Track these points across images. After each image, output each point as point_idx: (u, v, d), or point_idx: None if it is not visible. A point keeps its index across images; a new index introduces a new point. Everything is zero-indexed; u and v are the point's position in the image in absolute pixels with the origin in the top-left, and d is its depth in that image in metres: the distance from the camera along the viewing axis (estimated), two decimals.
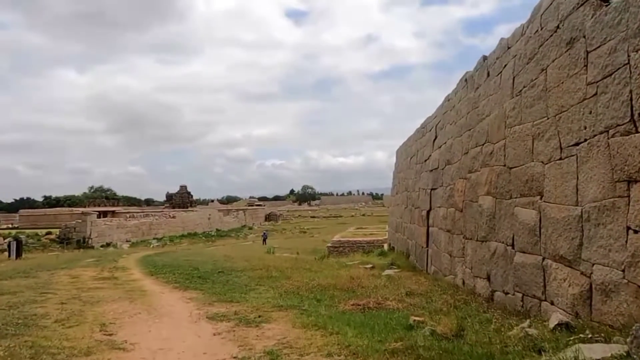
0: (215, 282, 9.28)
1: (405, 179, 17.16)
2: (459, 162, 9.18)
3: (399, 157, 19.91)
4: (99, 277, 9.86)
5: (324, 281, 9.14)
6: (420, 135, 14.67)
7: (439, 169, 11.06)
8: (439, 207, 10.78)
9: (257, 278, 10.09)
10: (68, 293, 7.55)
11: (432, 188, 11.77)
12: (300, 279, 9.65)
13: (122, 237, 42.38)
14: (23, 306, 6.23)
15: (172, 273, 10.77)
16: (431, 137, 12.50)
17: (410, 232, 15.37)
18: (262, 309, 6.21)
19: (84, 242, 38.68)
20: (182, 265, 13.05)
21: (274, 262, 14.71)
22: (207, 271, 11.41)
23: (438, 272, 10.31)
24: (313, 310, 5.99)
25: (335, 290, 8.03)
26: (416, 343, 3.77)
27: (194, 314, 6.09)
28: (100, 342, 4.54)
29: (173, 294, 7.84)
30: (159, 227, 48.73)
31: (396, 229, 19.36)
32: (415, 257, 13.75)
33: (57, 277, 9.63)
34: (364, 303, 6.27)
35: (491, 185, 7.02)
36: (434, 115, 12.45)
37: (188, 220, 55.55)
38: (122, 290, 8.06)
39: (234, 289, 8.19)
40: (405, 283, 9.11)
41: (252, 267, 12.44)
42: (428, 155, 12.71)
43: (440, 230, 10.38)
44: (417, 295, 7.19)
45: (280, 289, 8.12)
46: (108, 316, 5.82)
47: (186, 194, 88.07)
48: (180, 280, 9.50)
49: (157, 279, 9.83)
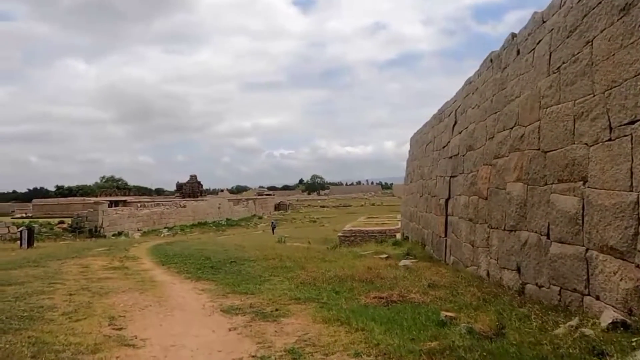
0: (227, 273, 8.99)
1: (421, 167, 16.68)
2: (482, 148, 8.71)
3: (413, 144, 19.39)
4: (109, 267, 9.62)
5: (340, 272, 8.80)
6: (437, 122, 14.16)
7: (459, 155, 10.59)
8: (459, 195, 10.33)
9: (270, 268, 9.79)
10: (77, 283, 7.30)
11: (451, 175, 11.30)
12: (316, 269, 9.31)
13: (134, 227, 42.53)
14: (30, 297, 5.98)
15: (183, 263, 10.51)
16: (450, 123, 12.00)
17: (426, 221, 14.95)
18: (279, 301, 5.88)
19: (96, 231, 38.85)
20: (194, 254, 12.80)
21: (286, 251, 14.43)
22: (219, 261, 11.14)
23: (458, 263, 9.91)
24: (333, 303, 5.64)
25: (354, 281, 7.68)
26: (454, 343, 3.40)
27: (207, 306, 5.78)
28: (109, 337, 4.24)
29: (185, 285, 7.55)
30: (169, 216, 48.84)
31: (410, 218, 18.93)
32: (432, 247, 13.34)
33: (66, 267, 9.41)
34: (386, 296, 5.91)
35: (522, 170, 6.56)
36: (454, 100, 11.93)
37: (198, 209, 55.63)
38: (133, 281, 7.80)
39: (248, 280, 7.88)
40: (425, 274, 8.73)
41: (265, 257, 12.15)
42: (446, 142, 12.22)
43: (461, 220, 9.94)
44: (440, 288, 6.81)
45: (295, 280, 7.79)
46: (117, 308, 5.53)
47: (196, 184, 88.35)
48: (192, 270, 9.23)
49: (169, 269, 9.57)
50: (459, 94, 11.46)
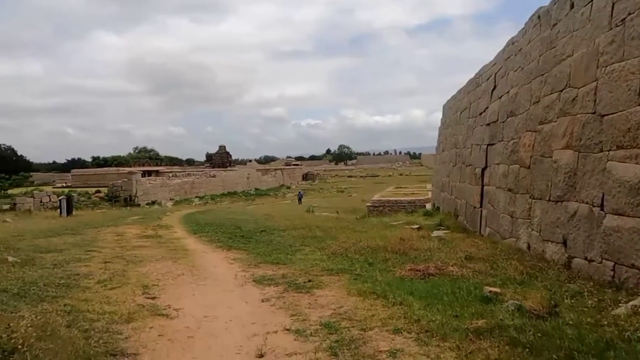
0: (258, 242, 8.96)
1: (454, 135, 16.04)
2: (526, 113, 8.14)
3: (447, 112, 18.63)
4: (143, 235, 9.78)
5: (371, 242, 8.61)
6: (473, 87, 13.43)
7: (499, 122, 10.01)
8: (497, 164, 9.82)
9: (300, 238, 9.71)
10: (112, 251, 7.42)
11: (488, 143, 10.75)
12: (346, 239, 9.15)
13: (166, 196, 43.63)
14: (67, 265, 6.09)
15: (214, 232, 10.57)
16: (488, 88, 11.32)
17: (459, 191, 14.48)
18: (311, 272, 5.76)
19: (131, 200, 40.11)
20: (224, 223, 12.90)
21: (316, 221, 14.35)
22: (249, 230, 11.16)
23: (495, 234, 9.53)
24: (367, 275, 5.47)
25: (386, 252, 7.48)
26: (503, 322, 3.15)
27: (239, 276, 5.72)
28: (143, 306, 4.22)
29: (216, 254, 7.56)
30: (200, 186, 49.80)
31: (442, 188, 18.43)
32: (466, 218, 12.94)
33: (102, 235, 9.63)
34: (422, 268, 5.67)
35: (572, 137, 6.05)
36: (493, 63, 11.20)
37: (228, 179, 56.45)
38: (166, 249, 7.87)
39: (279, 250, 7.81)
40: (460, 246, 8.42)
41: (294, 226, 12.11)
42: (484, 108, 11.58)
43: (499, 190, 9.48)
44: (478, 260, 6.51)
45: (326, 250, 7.66)
46: (151, 277, 5.55)
47: (225, 154, 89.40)
48: (223, 239, 9.25)
49: (200, 238, 9.64)
50: (499, 56, 10.73)
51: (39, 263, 6.07)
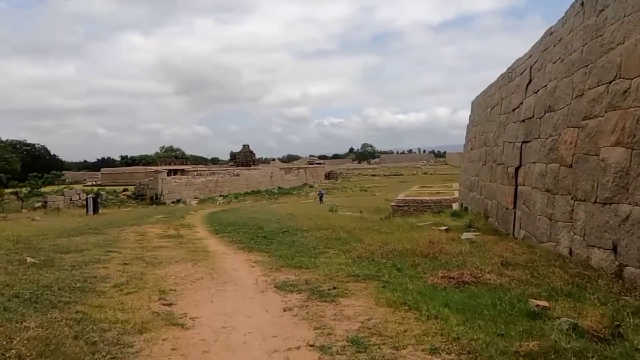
0: (280, 243, 8.68)
1: (484, 133, 15.39)
2: (567, 108, 7.56)
3: (475, 108, 17.94)
4: (165, 235, 9.66)
5: (399, 245, 8.20)
6: (505, 82, 12.79)
7: (535, 118, 9.41)
8: (533, 162, 9.24)
9: (324, 239, 9.38)
10: (132, 252, 7.27)
11: (523, 141, 10.15)
12: (372, 241, 8.78)
13: (191, 194, 44.16)
14: (86, 266, 5.95)
15: (236, 232, 10.37)
16: (523, 82, 10.70)
17: (489, 191, 13.85)
18: (336, 278, 5.42)
19: (156, 199, 40.76)
20: (247, 223, 12.71)
21: (339, 221, 13.99)
22: (271, 230, 10.91)
23: (530, 238, 8.96)
24: (396, 282, 5.09)
25: (415, 256, 7.07)
26: (558, 344, 2.73)
27: (260, 281, 5.44)
28: (158, 314, 3.98)
29: (237, 256, 7.31)
30: (224, 184, 50.20)
31: (470, 187, 17.77)
32: (497, 220, 12.33)
33: (124, 234, 9.55)
34: (456, 275, 5.25)
35: (623, 132, 5.50)
36: (528, 55, 10.58)
37: (251, 178, 56.75)
38: (186, 250, 7.68)
39: (302, 252, 7.50)
40: (493, 250, 7.92)
41: (318, 227, 11.80)
42: (518, 103, 10.97)
43: (536, 190, 8.90)
44: (517, 267, 6.03)
45: (351, 254, 7.30)
46: (169, 281, 5.33)
47: (249, 153, 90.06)
48: (245, 240, 9.02)
49: (222, 238, 9.44)
50: (534, 48, 10.11)
51: (58, 264, 5.95)
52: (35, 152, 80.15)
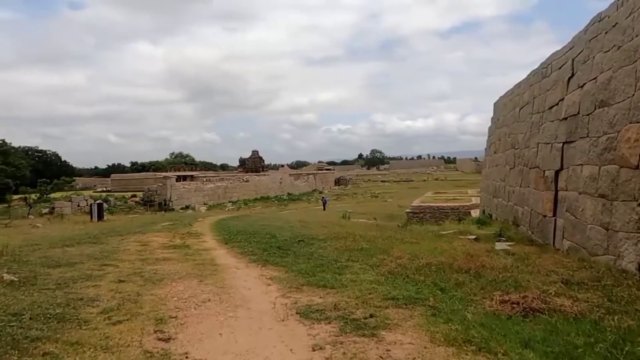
0: (297, 255, 7.76)
1: (512, 134, 14.37)
2: (628, 101, 6.57)
3: (500, 109, 16.92)
4: (170, 245, 8.79)
5: (431, 258, 7.25)
6: (538, 78, 11.80)
7: (580, 115, 8.42)
8: (579, 165, 8.23)
9: (345, 250, 8.44)
10: (131, 266, 6.40)
11: (565, 141, 9.15)
12: (400, 253, 7.81)
13: (200, 200, 43.50)
14: (74, 284, 5.09)
15: (247, 241, 9.47)
16: (562, 76, 9.71)
17: (519, 197, 12.81)
18: (370, 301, 4.47)
19: (165, 205, 40.15)
20: (258, 231, 11.81)
21: (356, 229, 13.04)
22: (285, 239, 10.01)
23: (579, 250, 7.93)
24: (447, 308, 4.13)
25: (455, 272, 6.11)
26: None
27: (278, 304, 4.51)
28: (151, 355, 3.08)
29: (250, 271, 6.39)
30: (233, 190, 49.52)
31: (495, 193, 16.71)
32: (530, 228, 11.29)
33: (125, 244, 8.70)
34: (518, 300, 4.28)
35: None
36: (568, 47, 9.59)
37: (261, 184, 56.04)
38: (192, 264, 6.79)
39: (323, 266, 6.57)
40: (541, 264, 6.93)
41: (334, 236, 10.87)
42: (556, 100, 9.97)
43: (585, 195, 7.88)
44: (583, 287, 5.04)
45: (380, 269, 6.36)
46: (170, 304, 4.43)
47: (258, 159, 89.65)
48: (257, 251, 8.11)
49: (232, 249, 8.54)
50: (577, 39, 9.13)
51: (41, 282, 5.09)
52: (47, 159, 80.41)
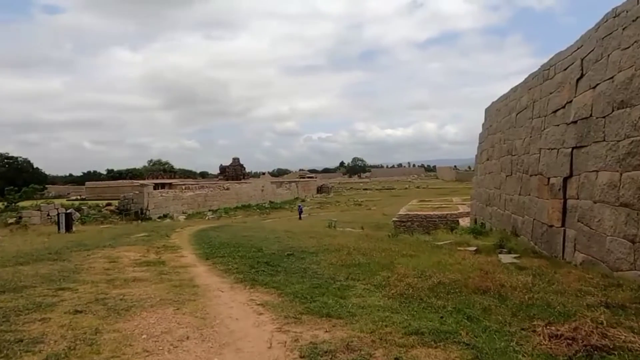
0: (289, 272, 6.86)
1: (507, 141, 13.83)
2: None
3: (493, 115, 16.43)
4: (143, 262, 7.74)
5: (440, 275, 6.47)
6: (539, 81, 11.27)
7: (594, 117, 7.82)
8: (594, 171, 7.62)
9: (341, 266, 7.59)
10: (94, 290, 5.38)
11: (575, 146, 8.55)
12: (404, 270, 7.01)
13: (179, 209, 41.98)
14: (17, 317, 4.06)
15: (231, 256, 8.51)
16: (569, 78, 9.15)
17: (518, 205, 12.21)
18: (389, 336, 3.62)
19: (142, 214, 38.46)
20: (242, 243, 10.85)
21: (346, 240, 12.21)
22: (273, 253, 9.10)
23: (596, 264, 7.27)
24: (487, 347, 3.31)
25: (473, 293, 5.34)
26: None
27: (275, 342, 3.61)
28: None
29: (236, 294, 5.45)
30: (213, 198, 48.12)
31: (488, 201, 16.14)
32: (533, 239, 10.66)
33: (91, 261, 7.62)
34: (573, 334, 3.49)
35: None
36: (576, 46, 9.04)
37: (242, 192, 54.76)
38: (168, 285, 5.80)
39: (321, 287, 5.69)
40: (564, 281, 6.22)
41: (325, 248, 10.01)
42: (562, 103, 9.40)
43: (602, 204, 7.25)
44: (630, 311, 4.31)
45: (388, 289, 5.53)
46: (136, 346, 3.47)
47: (239, 166, 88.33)
48: (243, 268, 7.17)
49: (214, 265, 7.57)
50: (587, 37, 8.57)
51: None
52: (18, 166, 77.04)
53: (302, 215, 37.13)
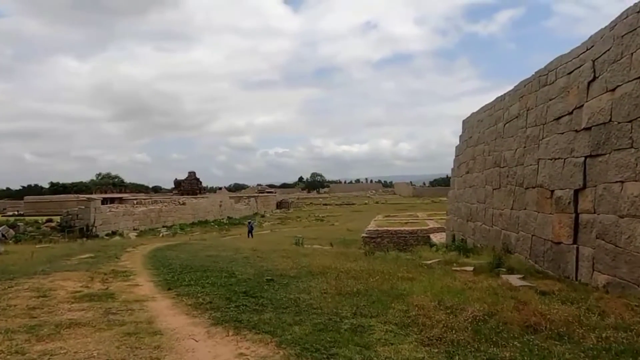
0: (278, 307, 5.42)
1: (494, 152, 13.12)
2: None
3: (473, 127, 15.80)
4: (85, 295, 5.97)
5: (463, 304, 5.32)
6: (533, 88, 10.60)
7: (614, 122, 7.04)
8: (619, 181, 6.78)
9: (337, 295, 6.26)
10: (5, 345, 3.70)
11: (590, 154, 7.75)
12: (417, 299, 5.78)
13: (129, 225, 38.91)
14: None
15: (199, 284, 6.93)
16: (577, 81, 8.43)
17: (511, 220, 11.40)
18: None
19: (88, 231, 35.16)
20: (209, 266, 9.25)
21: (324, 260, 10.91)
22: (249, 279, 7.62)
23: (628, 287, 6.36)
24: None
25: (524, 332, 4.19)
26: None
27: None
28: None
29: (218, 345, 3.95)
30: (168, 214, 45.25)
31: (469, 216, 15.37)
32: (533, 257, 9.80)
33: (11, 296, 5.76)
34: None
35: None
36: (584, 49, 8.34)
37: (199, 207, 52.06)
38: (117, 333, 4.19)
39: (328, 329, 4.32)
40: (614, 311, 5.21)
41: (307, 270, 8.67)
42: (568, 109, 8.66)
43: (634, 219, 6.38)
44: None
45: (418, 330, 4.26)
46: None
47: (195, 180, 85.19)
48: (219, 302, 5.64)
49: (179, 298, 5.97)
50: (600, 38, 7.88)
51: None
52: None
53: (253, 232, 34.07)
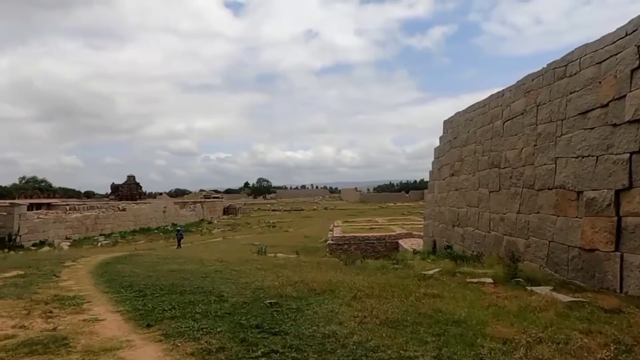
0: (322, 352, 3.84)
1: (490, 152, 12.25)
2: None
3: (459, 127, 14.95)
4: (20, 345, 3.96)
5: (563, 336, 3.99)
6: (547, 81, 9.77)
7: None
8: None
9: (382, 325, 4.79)
10: None
11: (637, 150, 6.88)
12: (496, 331, 4.41)
13: (61, 234, 34.67)
14: None
15: (187, 316, 5.10)
16: (613, 71, 7.58)
17: (518, 225, 10.50)
18: None
19: (10, 241, 30.72)
20: (182, 285, 7.40)
21: (313, 273, 9.38)
22: (245, 302, 5.96)
23: None
24: None
25: None
26: None
27: None
28: None
29: None
30: (106, 221, 41.16)
31: (456, 222, 14.45)
32: (554, 265, 8.87)
33: None
34: None
35: None
36: (623, 33, 7.50)
37: (140, 213, 48.08)
38: None
39: None
40: None
41: (310, 288, 7.16)
42: (601, 101, 7.80)
43: None
44: None
45: None
46: None
47: (134, 185, 79.99)
48: (232, 344, 3.91)
49: (170, 342, 4.12)
50: None
51: None
52: None
53: (182, 242, 28.73)
